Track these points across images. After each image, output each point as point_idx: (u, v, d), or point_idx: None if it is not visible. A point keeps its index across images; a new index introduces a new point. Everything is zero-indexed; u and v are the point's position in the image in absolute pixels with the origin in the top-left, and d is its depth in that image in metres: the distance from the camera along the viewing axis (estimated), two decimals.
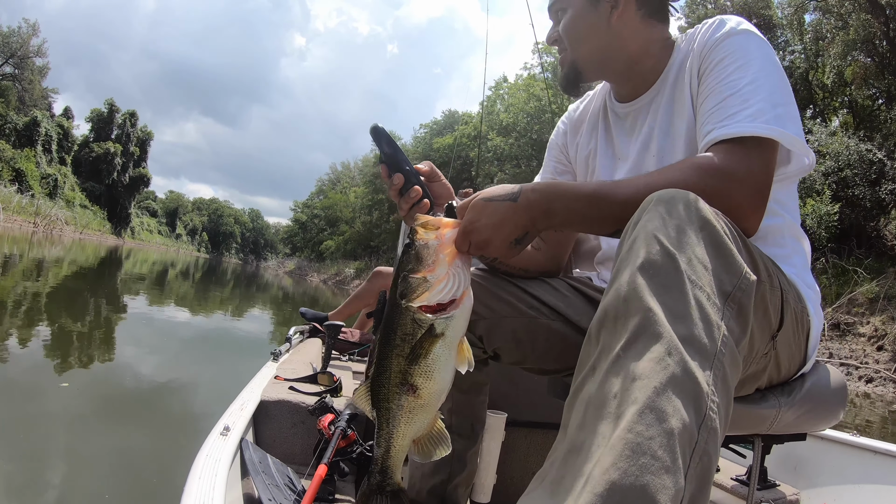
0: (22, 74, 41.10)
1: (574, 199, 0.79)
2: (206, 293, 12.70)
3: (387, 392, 0.72)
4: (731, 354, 0.59)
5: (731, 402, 0.59)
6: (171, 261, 31.90)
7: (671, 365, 0.54)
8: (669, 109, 1.00)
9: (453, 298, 0.72)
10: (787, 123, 0.82)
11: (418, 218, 0.77)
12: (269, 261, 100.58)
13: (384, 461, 0.74)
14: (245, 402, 1.48)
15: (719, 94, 0.86)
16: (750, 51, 0.88)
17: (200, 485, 0.93)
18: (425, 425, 0.74)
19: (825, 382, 1.02)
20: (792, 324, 0.87)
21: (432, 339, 0.70)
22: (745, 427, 0.96)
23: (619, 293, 0.61)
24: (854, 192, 9.74)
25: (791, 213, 0.99)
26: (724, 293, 0.62)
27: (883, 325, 7.36)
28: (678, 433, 0.51)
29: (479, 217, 0.78)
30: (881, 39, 10.93)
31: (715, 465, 0.55)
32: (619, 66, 1.03)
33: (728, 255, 0.64)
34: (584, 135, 1.18)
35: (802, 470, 1.79)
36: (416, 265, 0.73)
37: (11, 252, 13.40)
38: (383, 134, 0.90)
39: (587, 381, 0.59)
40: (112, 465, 2.05)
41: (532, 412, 1.58)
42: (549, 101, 18.25)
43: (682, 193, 0.66)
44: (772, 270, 0.83)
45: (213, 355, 4.84)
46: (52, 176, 38.74)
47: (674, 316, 0.57)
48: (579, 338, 0.99)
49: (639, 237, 0.63)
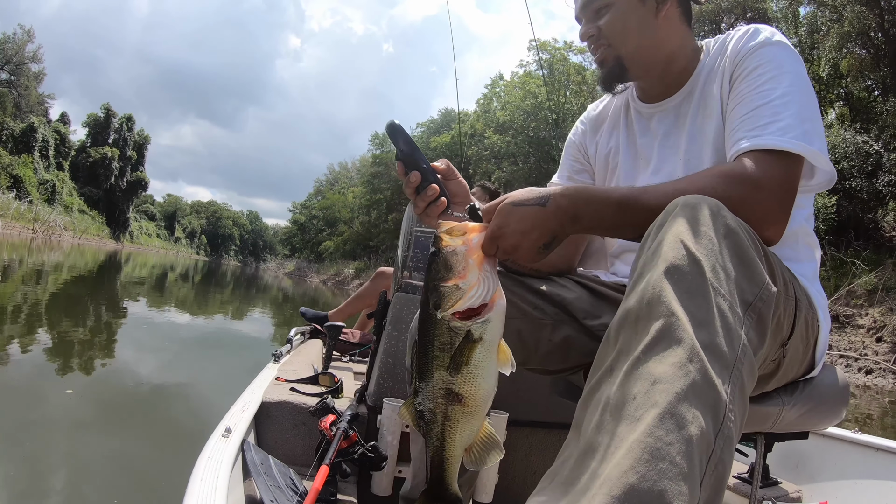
0: (18, 81, 40.99)
1: (603, 205, 0.80)
2: (206, 296, 12.70)
3: (433, 405, 0.71)
4: (749, 364, 0.59)
5: (747, 411, 0.60)
6: (171, 264, 31.86)
7: (692, 371, 0.54)
8: (698, 113, 1.01)
9: (484, 303, 0.71)
10: (813, 139, 0.83)
11: (442, 225, 0.75)
12: (268, 262, 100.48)
13: (439, 474, 0.73)
14: (246, 403, 1.48)
15: (751, 103, 0.88)
16: (783, 63, 0.90)
17: (202, 487, 0.93)
18: (475, 432, 0.73)
19: (828, 382, 1.02)
20: (802, 331, 0.88)
21: (471, 345, 0.69)
22: (748, 425, 0.95)
23: (643, 296, 0.61)
24: (851, 184, 9.77)
25: (807, 220, 1.01)
26: (745, 302, 0.62)
27: (882, 316, 7.38)
28: (696, 440, 0.51)
29: (507, 222, 0.78)
30: (876, 31, 10.95)
31: (729, 473, 0.55)
32: (658, 64, 1.03)
33: (751, 265, 0.65)
34: (605, 133, 1.18)
35: (804, 467, 1.79)
36: (445, 273, 0.71)
37: (11, 258, 13.39)
38: (400, 131, 0.88)
39: (604, 381, 0.59)
40: (114, 468, 2.06)
41: (533, 411, 1.58)
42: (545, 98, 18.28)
43: (707, 200, 0.67)
44: (788, 279, 0.84)
45: (214, 357, 4.84)
46: (50, 182, 38.71)
47: (697, 322, 0.57)
48: (583, 337, 1.02)
49: (664, 241, 0.64)
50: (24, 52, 40.93)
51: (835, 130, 10.18)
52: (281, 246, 74.74)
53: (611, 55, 1.02)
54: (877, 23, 10.68)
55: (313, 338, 3.08)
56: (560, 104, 19.45)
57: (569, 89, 20.35)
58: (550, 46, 20.85)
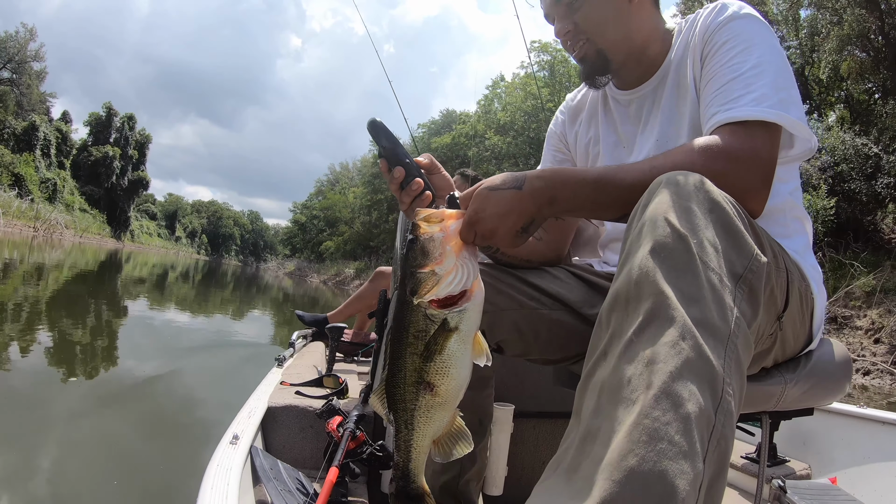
0: (20, 79, 41.06)
1: (579, 185, 0.79)
2: (207, 296, 12.69)
3: (403, 393, 0.69)
4: (743, 336, 0.59)
5: (745, 384, 0.59)
6: (171, 263, 31.83)
7: (685, 349, 0.53)
8: (673, 95, 1.00)
9: (464, 290, 0.70)
10: (789, 107, 0.83)
11: (419, 212, 0.74)
12: (268, 262, 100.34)
13: (406, 465, 0.72)
14: (252, 409, 1.48)
15: (722, 78, 0.87)
16: (752, 35, 0.88)
17: (213, 495, 0.94)
18: (445, 424, 0.72)
19: (829, 356, 1.02)
20: (797, 304, 0.87)
21: (447, 333, 0.68)
22: (753, 405, 0.96)
23: (631, 276, 0.60)
24: (850, 186, 9.77)
25: (793, 194, 1.00)
26: (735, 275, 0.61)
27: (880, 317, 7.40)
28: (695, 417, 0.51)
29: (483, 206, 0.77)
30: (876, 34, 10.96)
31: (731, 447, 0.55)
32: (636, 51, 1.03)
33: (738, 237, 0.64)
34: (584, 123, 1.18)
35: (812, 444, 1.79)
36: (422, 259, 0.70)
37: (12, 256, 13.41)
38: (381, 128, 0.88)
39: (599, 365, 0.59)
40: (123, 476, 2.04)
41: (538, 402, 1.58)
42: (543, 100, 18.26)
43: (690, 175, 0.66)
44: (777, 251, 0.83)
45: (216, 358, 4.84)
46: (52, 180, 38.74)
47: (687, 299, 0.56)
48: (582, 325, 1.02)
49: (648, 220, 0.63)
50: (26, 51, 40.99)
51: (834, 132, 10.19)
52: (282, 246, 74.64)
53: (591, 49, 1.02)
54: (877, 25, 10.70)
55: (315, 340, 3.08)
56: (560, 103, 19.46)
57: (569, 91, 20.39)
58: (551, 48, 20.90)
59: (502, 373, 1.15)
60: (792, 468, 1.69)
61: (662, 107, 1.01)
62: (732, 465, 1.71)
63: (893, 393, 6.27)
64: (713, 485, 0.52)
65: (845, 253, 9.19)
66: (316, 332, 3.14)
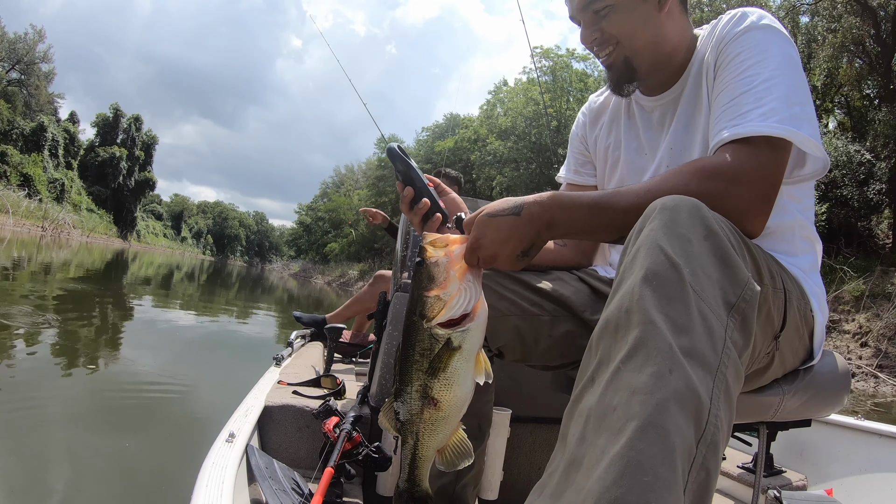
0: (28, 80, 41.36)
1: (576, 209, 0.79)
2: (212, 296, 12.55)
3: (409, 406, 0.74)
4: (733, 366, 0.59)
5: (734, 414, 0.59)
6: (177, 263, 31.57)
7: (672, 380, 0.53)
8: (690, 104, 0.99)
9: (466, 313, 0.73)
10: (802, 124, 0.80)
11: (426, 236, 0.77)
12: (273, 263, 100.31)
13: (411, 472, 0.77)
14: (249, 408, 1.47)
15: (733, 91, 0.85)
16: (769, 47, 0.86)
17: (208, 492, 0.94)
18: (448, 436, 0.76)
19: (828, 368, 1.01)
20: (795, 322, 0.86)
21: (450, 352, 0.72)
22: (750, 415, 0.96)
23: (622, 304, 0.59)
24: (842, 192, 9.84)
25: (805, 213, 0.97)
26: (728, 304, 0.61)
27: (867, 322, 7.47)
28: (678, 449, 0.50)
29: (484, 233, 0.79)
30: (872, 42, 11.02)
31: (714, 479, 0.55)
32: (661, 59, 1.00)
33: (732, 266, 0.63)
34: (605, 126, 1.16)
35: (808, 455, 1.79)
36: (428, 283, 0.74)
37: (21, 255, 13.53)
38: (395, 154, 0.96)
39: (586, 391, 0.59)
40: (118, 473, 2.03)
41: (536, 407, 1.57)
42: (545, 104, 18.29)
43: (686, 201, 0.65)
44: (775, 271, 0.82)
45: (219, 358, 4.84)
46: (59, 180, 39.07)
47: (677, 328, 0.56)
48: (582, 331, 1.03)
49: (643, 247, 0.62)
50: (34, 52, 41.30)
51: (827, 139, 10.22)
52: (287, 247, 74.77)
53: (619, 57, 0.99)
54: (871, 33, 10.75)
55: (314, 340, 3.09)
56: (562, 111, 19.58)
57: (571, 95, 20.48)
58: (553, 54, 20.99)
59: (500, 377, 1.16)
60: (788, 479, 1.70)
61: (678, 115, 1.00)
62: (728, 475, 1.73)
63: (878, 395, 6.35)
64: None
65: (836, 258, 9.25)
66: (314, 332, 3.15)
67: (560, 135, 17.71)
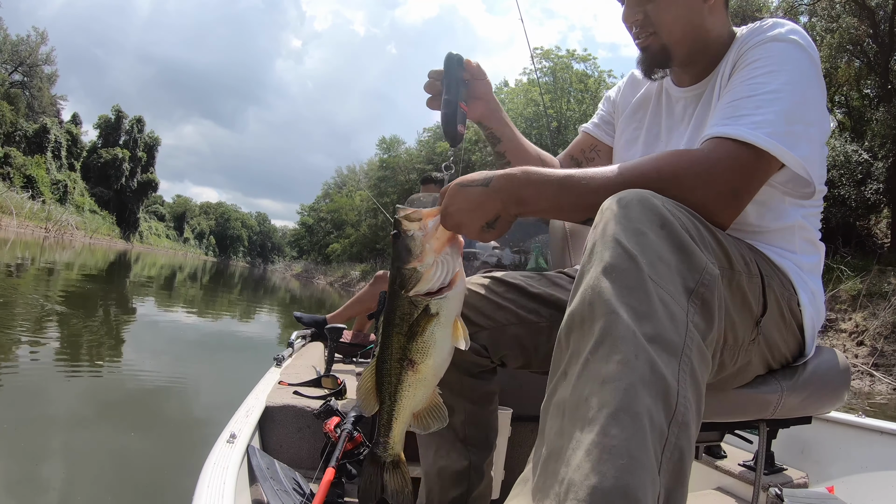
0: (31, 82, 41.57)
1: (544, 185, 0.79)
2: (215, 297, 12.62)
3: (389, 368, 0.77)
4: (698, 349, 0.60)
5: (703, 396, 0.60)
6: (179, 264, 31.62)
7: (639, 366, 0.55)
8: (708, 103, 0.99)
9: (443, 286, 0.76)
10: (798, 143, 0.79)
11: (399, 210, 0.79)
12: (276, 264, 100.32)
13: (386, 432, 0.80)
14: (250, 408, 1.48)
15: (737, 94, 0.85)
16: (787, 60, 0.85)
17: (209, 493, 0.94)
18: (424, 399, 0.79)
19: (827, 365, 1.01)
20: (777, 308, 0.87)
21: (428, 318, 0.75)
22: (750, 412, 0.96)
23: (584, 298, 0.61)
24: (840, 192, 9.87)
25: (808, 218, 0.97)
26: (687, 290, 0.62)
27: (864, 321, 7.49)
28: (650, 431, 0.52)
29: (453, 202, 0.81)
30: (870, 42, 11.04)
31: (689, 458, 0.57)
32: (697, 52, 1.00)
33: (689, 253, 0.64)
34: (635, 104, 1.17)
35: (809, 453, 1.79)
36: (405, 256, 0.76)
37: (25, 256, 13.60)
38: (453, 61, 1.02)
39: (560, 385, 0.61)
40: (120, 473, 2.05)
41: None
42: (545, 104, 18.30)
43: (637, 194, 0.67)
44: (748, 258, 0.83)
45: (220, 359, 4.86)
46: (62, 182, 39.30)
47: (638, 316, 0.57)
48: None
49: (599, 241, 0.64)
50: (37, 54, 41.49)
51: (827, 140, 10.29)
52: (289, 248, 74.80)
53: (657, 43, 0.99)
54: (869, 33, 10.78)
55: (314, 341, 3.08)
56: (563, 112, 19.63)
57: (571, 96, 20.53)
58: (553, 55, 21.04)
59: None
60: (789, 476, 1.69)
61: (697, 112, 1.01)
62: (729, 473, 1.73)
63: (874, 394, 6.37)
64: (671, 495, 0.54)
65: (833, 257, 9.29)
66: (315, 332, 3.15)
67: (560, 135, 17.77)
